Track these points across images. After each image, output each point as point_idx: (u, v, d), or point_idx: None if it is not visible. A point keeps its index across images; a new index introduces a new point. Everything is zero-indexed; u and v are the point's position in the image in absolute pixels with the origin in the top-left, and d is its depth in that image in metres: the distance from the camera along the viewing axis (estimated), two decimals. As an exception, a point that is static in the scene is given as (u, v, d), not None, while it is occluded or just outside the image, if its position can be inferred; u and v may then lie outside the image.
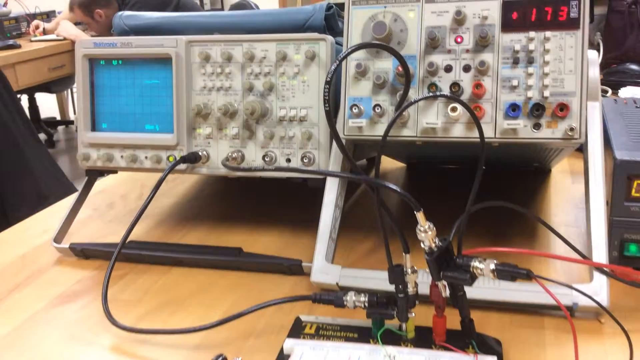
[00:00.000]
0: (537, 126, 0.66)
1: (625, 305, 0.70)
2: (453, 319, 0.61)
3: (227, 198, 1.07)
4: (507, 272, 0.54)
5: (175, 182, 1.15)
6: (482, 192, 0.56)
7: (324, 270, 0.74)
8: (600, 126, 0.71)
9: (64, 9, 3.78)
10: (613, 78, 1.69)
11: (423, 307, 0.63)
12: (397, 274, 0.60)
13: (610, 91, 1.57)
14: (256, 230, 0.93)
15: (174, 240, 0.92)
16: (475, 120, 0.56)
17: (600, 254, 0.67)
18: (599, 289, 0.66)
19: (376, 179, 0.57)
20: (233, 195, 1.09)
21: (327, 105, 0.55)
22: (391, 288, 0.70)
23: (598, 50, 1.88)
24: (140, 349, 0.65)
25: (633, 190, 0.72)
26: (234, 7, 3.79)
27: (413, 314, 0.61)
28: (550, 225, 0.68)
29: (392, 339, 0.62)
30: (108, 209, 1.06)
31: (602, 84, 1.62)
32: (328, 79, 0.55)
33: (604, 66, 1.81)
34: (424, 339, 0.62)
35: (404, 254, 0.59)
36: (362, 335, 0.64)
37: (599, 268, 0.67)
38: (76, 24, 3.59)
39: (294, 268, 0.79)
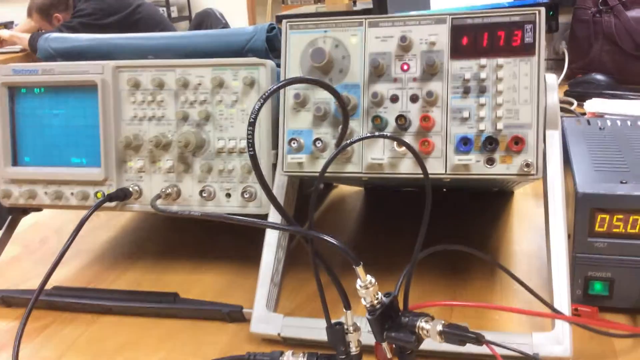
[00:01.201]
0: (490, 161, 0.61)
1: (591, 351, 0.64)
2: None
3: (169, 231, 1.00)
4: (456, 336, 0.48)
5: (115, 213, 1.07)
6: (440, 218, 0.50)
7: (264, 319, 0.67)
8: (560, 158, 0.66)
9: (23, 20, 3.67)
10: (578, 89, 1.65)
11: (370, 358, 0.56)
12: (336, 334, 0.53)
13: (575, 103, 1.53)
14: (198, 269, 0.86)
15: (108, 281, 0.84)
16: (420, 163, 0.50)
17: (562, 298, 0.62)
18: (562, 337, 0.61)
19: (310, 230, 0.50)
20: (176, 227, 1.01)
21: (251, 149, 0.49)
22: (338, 338, 0.65)
23: (563, 60, 1.84)
24: (54, 420, 0.58)
25: (597, 225, 0.67)
26: (198, 15, 3.71)
27: (357, 377, 0.55)
28: (510, 271, 0.62)
29: (336, 403, 0.56)
30: (40, 245, 0.98)
31: (567, 95, 1.59)
32: (252, 120, 0.48)
33: (569, 76, 1.78)
34: (372, 401, 0.56)
35: (344, 310, 0.53)
36: (302, 397, 0.58)
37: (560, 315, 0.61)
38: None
39: (235, 315, 0.72)
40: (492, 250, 0.87)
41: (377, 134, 0.57)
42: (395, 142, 0.61)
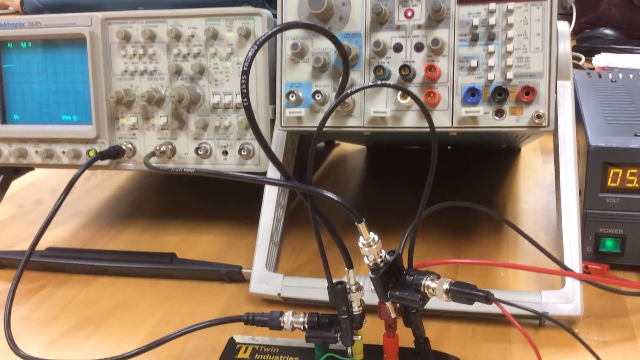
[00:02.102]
0: (499, 113, 0.58)
1: (601, 308, 0.62)
2: (408, 334, 0.53)
3: (167, 191, 0.97)
4: (463, 295, 0.45)
5: (111, 173, 1.05)
6: (444, 176, 0.48)
7: (264, 279, 0.65)
8: (572, 109, 0.63)
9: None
10: (586, 44, 1.60)
11: (373, 317, 0.54)
12: (338, 294, 0.51)
13: (583, 59, 1.49)
14: (196, 230, 0.84)
15: (104, 242, 0.82)
16: (425, 114, 0.47)
17: (573, 255, 0.59)
18: (572, 295, 0.58)
19: (308, 186, 0.48)
20: (174, 187, 0.99)
21: (245, 99, 0.46)
22: (340, 298, 0.63)
23: (571, 15, 1.79)
24: (46, 382, 0.56)
25: (609, 180, 0.64)
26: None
27: (360, 337, 0.53)
28: (518, 227, 0.59)
29: (338, 363, 0.54)
30: (35, 206, 0.95)
31: (574, 50, 1.54)
32: (245, 68, 0.45)
33: (576, 31, 1.72)
34: (373, 361, 0.54)
35: (347, 269, 0.51)
36: (304, 358, 0.56)
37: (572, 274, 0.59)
38: None
39: (233, 275, 0.70)
40: (498, 208, 0.84)
41: (379, 82, 0.54)
42: (398, 94, 0.58)
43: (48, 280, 0.73)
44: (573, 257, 0.59)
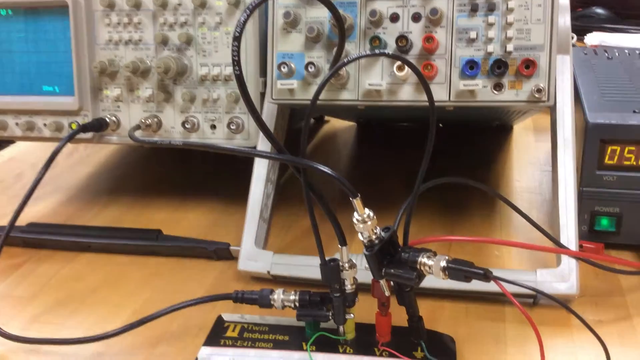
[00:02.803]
0: (498, 87, 0.56)
1: (595, 288, 0.61)
2: (400, 312, 0.52)
3: (152, 167, 0.95)
4: (461, 272, 0.44)
5: (95, 148, 1.02)
6: (436, 153, 0.46)
7: (253, 256, 0.63)
8: (571, 85, 0.61)
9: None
10: (578, 23, 1.58)
11: (365, 296, 0.53)
12: (331, 271, 0.49)
13: (575, 37, 1.47)
14: (182, 206, 0.81)
15: (87, 218, 0.80)
16: (424, 84, 0.45)
17: (570, 233, 0.58)
18: (567, 274, 0.57)
19: (302, 159, 0.46)
20: (160, 162, 0.97)
21: (237, 67, 0.44)
22: (331, 276, 0.61)
23: (562, -6, 1.77)
24: (28, 361, 0.54)
25: (606, 157, 0.63)
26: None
27: (352, 315, 0.52)
28: (514, 204, 0.58)
29: (329, 342, 0.52)
30: (15, 180, 0.93)
31: (566, 30, 1.53)
32: (237, 34, 0.43)
33: (567, 10, 1.71)
34: (365, 340, 0.53)
35: (339, 246, 0.49)
36: (294, 337, 0.54)
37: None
38: None
39: (221, 253, 0.68)
40: (491, 187, 0.83)
41: (377, 51, 0.52)
42: (395, 66, 0.56)
43: (29, 257, 0.70)
44: (569, 235, 0.58)
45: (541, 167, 0.88)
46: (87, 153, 1.00)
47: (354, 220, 0.46)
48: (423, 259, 0.46)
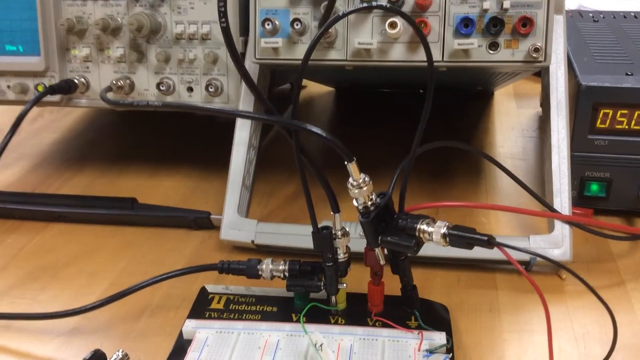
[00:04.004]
0: (493, 46, 0.53)
1: (586, 254, 0.60)
2: (391, 281, 0.50)
3: (121, 134, 0.90)
4: (463, 239, 0.42)
5: (61, 113, 0.97)
6: (416, 120, 0.43)
7: (236, 225, 0.61)
8: (565, 46, 0.59)
9: None
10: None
11: (356, 264, 0.51)
12: (323, 240, 0.47)
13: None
14: (156, 173, 0.78)
15: (55, 187, 0.75)
16: (422, 38, 0.42)
17: (563, 198, 0.57)
18: (561, 240, 0.56)
19: (293, 121, 0.43)
20: (129, 130, 0.92)
21: (223, 20, 0.40)
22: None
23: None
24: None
25: (598, 121, 0.61)
26: None
27: (345, 285, 0.49)
28: (508, 169, 0.56)
29: (320, 313, 0.50)
30: (-24, 148, 0.87)
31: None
32: (224, -18, 0.39)
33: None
34: (357, 310, 0.51)
35: (332, 213, 0.47)
36: (282, 308, 0.52)
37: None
38: None
39: (201, 222, 0.65)
40: (474, 155, 0.81)
41: (374, 3, 0.49)
42: (387, 24, 0.53)
43: (-6, 228, 0.66)
44: (563, 200, 0.57)
45: (524, 133, 0.87)
46: (52, 118, 0.95)
47: (349, 185, 0.44)
48: (422, 226, 0.43)
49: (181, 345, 0.49)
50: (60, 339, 0.51)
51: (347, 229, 0.48)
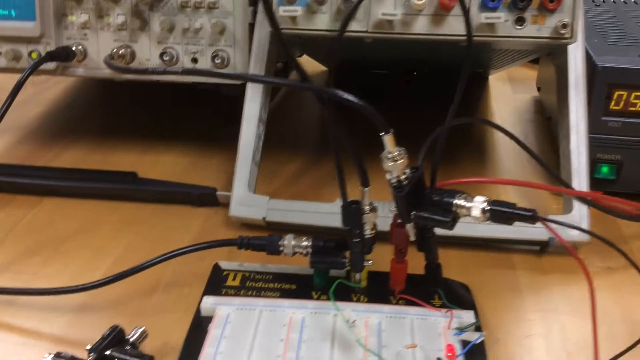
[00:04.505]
0: (520, 21, 0.52)
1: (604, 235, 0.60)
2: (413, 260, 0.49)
3: (111, 109, 0.87)
4: (505, 214, 0.41)
5: (44, 86, 0.92)
6: (414, 102, 0.42)
7: (246, 201, 0.59)
8: (583, 23, 0.59)
9: None
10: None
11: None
12: (353, 214, 0.45)
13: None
14: (152, 149, 0.75)
15: (45, 160, 0.72)
16: (463, 9, 0.41)
17: (582, 179, 0.57)
18: (579, 220, 0.56)
19: (328, 88, 0.41)
20: (120, 103, 0.89)
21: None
22: (330, 223, 0.57)
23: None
24: (1, 314, 0.48)
25: (612, 103, 0.61)
26: None
27: (370, 262, 0.48)
28: (530, 149, 0.55)
29: (341, 291, 0.48)
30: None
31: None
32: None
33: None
34: (379, 288, 0.50)
35: (361, 187, 0.45)
36: (301, 286, 0.50)
37: (579, 197, 0.56)
38: None
39: (206, 198, 0.63)
40: (475, 135, 0.81)
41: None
42: (412, -6, 0.52)
43: (-16, 202, 0.63)
44: (581, 180, 0.57)
45: (521, 117, 0.87)
46: (35, 91, 0.91)
47: (384, 157, 0.42)
48: (459, 201, 0.42)
49: (199, 322, 0.47)
50: (69, 316, 0.48)
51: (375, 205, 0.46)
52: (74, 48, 0.64)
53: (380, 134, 0.41)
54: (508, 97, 0.94)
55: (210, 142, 0.75)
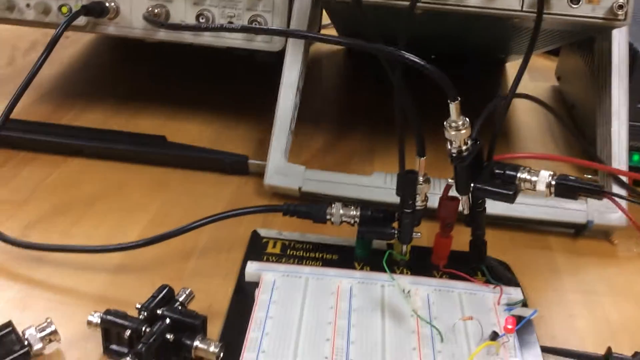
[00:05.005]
0: (575, 0, 0.52)
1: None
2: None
3: (130, 73, 0.84)
4: (572, 189, 0.40)
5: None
6: (432, 86, 0.40)
7: (283, 170, 0.57)
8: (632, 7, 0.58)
9: None
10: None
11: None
12: (408, 183, 0.44)
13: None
14: (176, 115, 0.73)
15: (65, 120, 0.70)
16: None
17: (621, 164, 0.57)
18: (621, 202, 0.55)
19: (398, 50, 0.40)
20: (140, 66, 0.86)
21: None
22: (367, 196, 0.56)
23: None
24: (35, 271, 0.46)
25: (650, 91, 0.61)
26: None
27: (419, 234, 0.47)
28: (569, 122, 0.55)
29: (382, 263, 0.48)
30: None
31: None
32: None
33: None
34: (421, 262, 0.49)
35: (418, 157, 0.44)
36: (343, 256, 0.49)
37: (618, 180, 0.56)
38: None
39: (237, 166, 0.61)
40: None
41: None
42: (469, -34, 0.51)
43: (8, 157, 0.60)
44: (621, 164, 0.57)
45: (538, 107, 0.86)
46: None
47: (448, 126, 0.41)
48: (523, 175, 0.42)
49: (242, 287, 0.46)
50: (106, 276, 0.46)
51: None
52: (107, 4, 0.61)
53: (448, 102, 0.41)
54: (527, 85, 0.93)
55: (236, 111, 0.74)
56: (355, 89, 0.89)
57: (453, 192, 0.45)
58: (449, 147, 0.42)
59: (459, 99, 0.41)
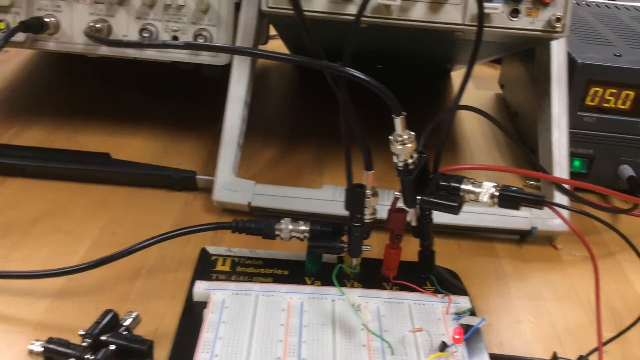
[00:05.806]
0: (515, 13, 0.53)
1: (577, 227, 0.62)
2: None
3: (70, 89, 0.82)
4: (514, 199, 0.41)
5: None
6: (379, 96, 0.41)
7: (231, 186, 0.57)
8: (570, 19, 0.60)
9: None
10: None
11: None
12: (356, 197, 0.45)
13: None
14: (121, 131, 0.71)
15: (4, 140, 0.67)
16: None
17: (563, 171, 0.58)
18: (562, 211, 0.57)
19: (343, 67, 0.40)
20: (82, 81, 0.84)
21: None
22: (317, 210, 0.56)
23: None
24: (-27, 300, 0.44)
25: (588, 99, 0.63)
26: None
27: (369, 247, 0.47)
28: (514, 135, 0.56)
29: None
30: None
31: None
32: None
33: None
34: (372, 275, 0.49)
35: (365, 171, 0.44)
36: (294, 271, 0.49)
37: (560, 187, 0.58)
38: None
39: (185, 182, 0.60)
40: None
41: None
42: (411, -20, 0.51)
43: (-60, 180, 0.58)
44: (562, 172, 0.58)
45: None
46: (-17, 68, 0.85)
47: (393, 139, 0.42)
48: (467, 186, 0.42)
49: (191, 307, 0.45)
50: (48, 301, 0.45)
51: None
52: (46, 20, 0.60)
53: (393, 116, 0.41)
54: (472, 93, 0.95)
55: (177, 127, 0.72)
56: (305, 99, 0.89)
57: (401, 204, 0.45)
58: (395, 160, 0.43)
59: (404, 113, 0.41)
